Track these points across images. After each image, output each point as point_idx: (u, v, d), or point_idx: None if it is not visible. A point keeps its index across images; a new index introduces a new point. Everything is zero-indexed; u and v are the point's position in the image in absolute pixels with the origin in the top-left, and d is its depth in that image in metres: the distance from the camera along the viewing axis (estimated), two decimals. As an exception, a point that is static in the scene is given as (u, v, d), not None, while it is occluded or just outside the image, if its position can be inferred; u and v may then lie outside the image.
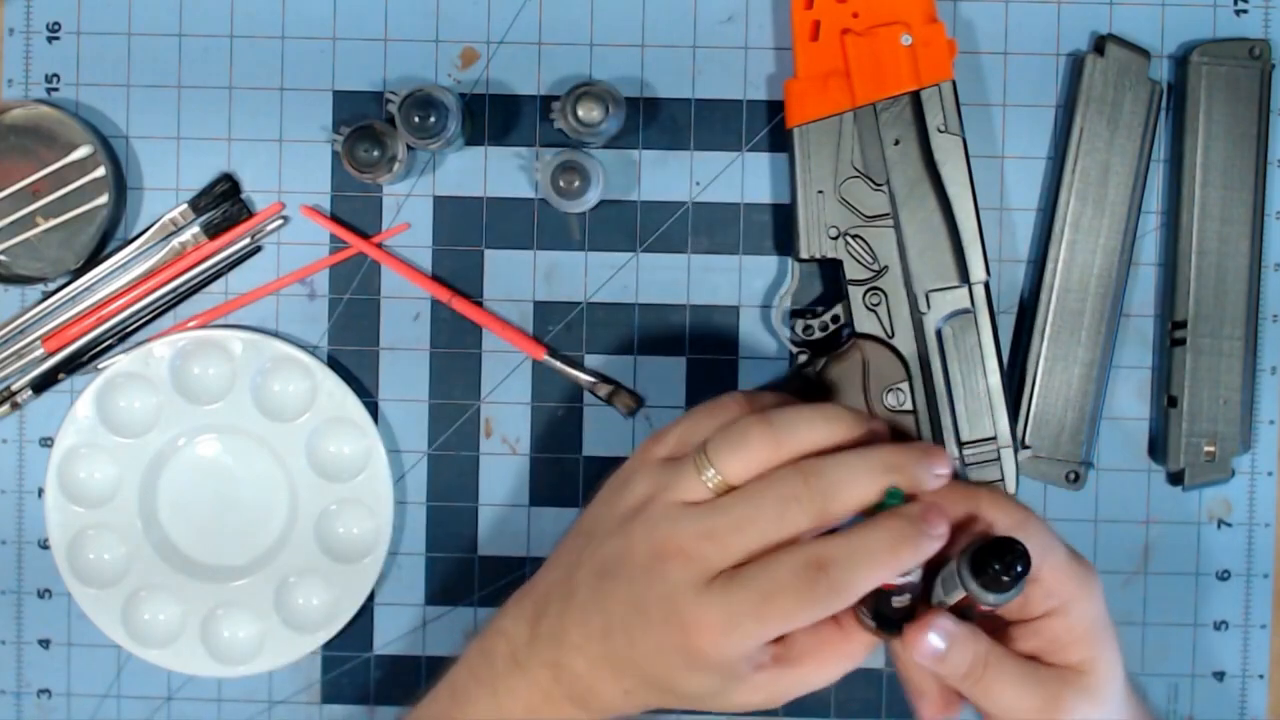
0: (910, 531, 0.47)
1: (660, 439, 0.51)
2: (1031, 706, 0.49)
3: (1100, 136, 0.60)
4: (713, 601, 0.46)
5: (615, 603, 0.48)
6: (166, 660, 0.62)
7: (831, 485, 0.47)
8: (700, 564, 0.46)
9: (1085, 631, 0.50)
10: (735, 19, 0.62)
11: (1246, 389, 0.61)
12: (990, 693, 0.49)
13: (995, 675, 0.49)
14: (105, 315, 0.62)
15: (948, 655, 0.48)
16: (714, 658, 0.46)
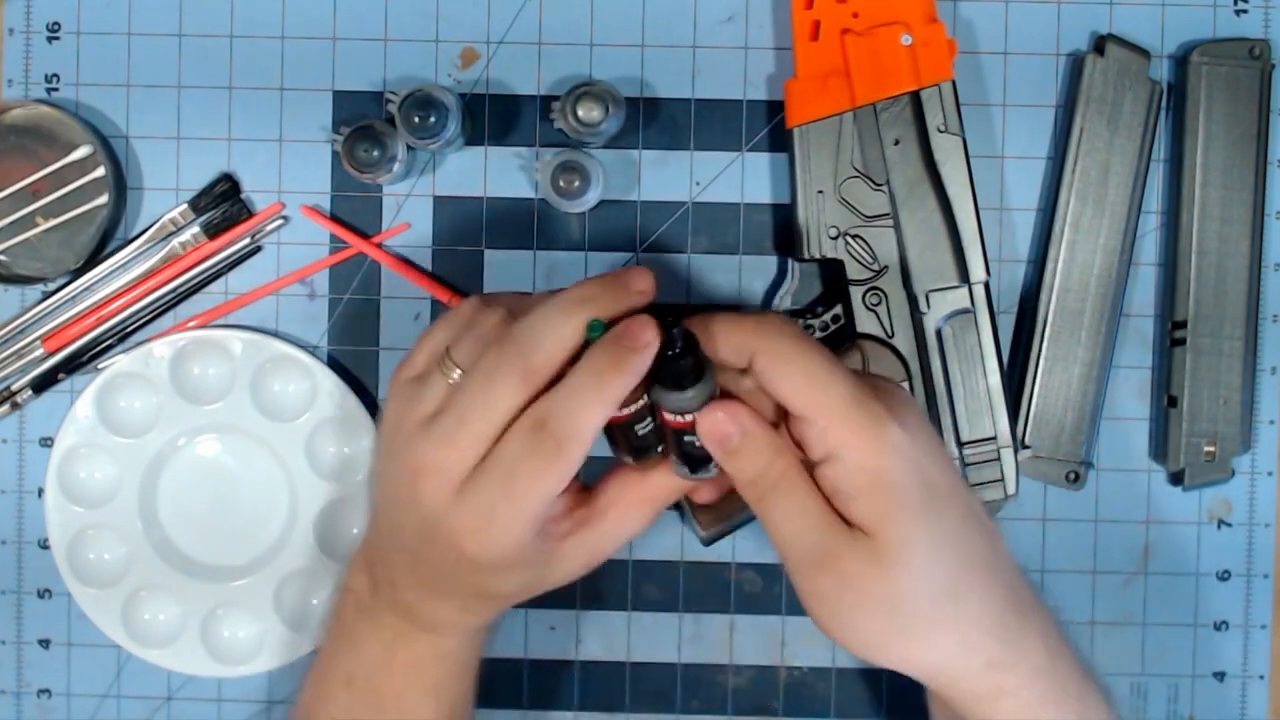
0: (610, 354, 0.43)
1: (407, 361, 0.49)
2: (808, 550, 0.45)
3: (1100, 136, 0.60)
4: (465, 505, 0.45)
5: (406, 536, 0.47)
6: (166, 660, 0.62)
7: (527, 340, 0.44)
8: (446, 473, 0.45)
9: (866, 486, 0.44)
10: (735, 19, 0.62)
11: (1246, 389, 0.61)
12: (770, 515, 0.45)
13: (781, 498, 0.45)
14: (105, 315, 0.62)
15: (739, 450, 0.45)
16: (494, 554, 0.45)
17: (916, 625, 0.45)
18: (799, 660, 0.64)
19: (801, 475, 0.45)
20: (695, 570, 0.63)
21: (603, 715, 0.64)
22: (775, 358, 0.44)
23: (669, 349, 0.43)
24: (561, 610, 0.64)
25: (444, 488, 0.45)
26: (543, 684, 0.64)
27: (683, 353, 0.43)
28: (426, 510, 0.46)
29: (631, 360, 0.43)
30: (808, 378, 0.44)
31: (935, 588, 0.44)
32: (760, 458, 0.45)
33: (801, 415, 0.44)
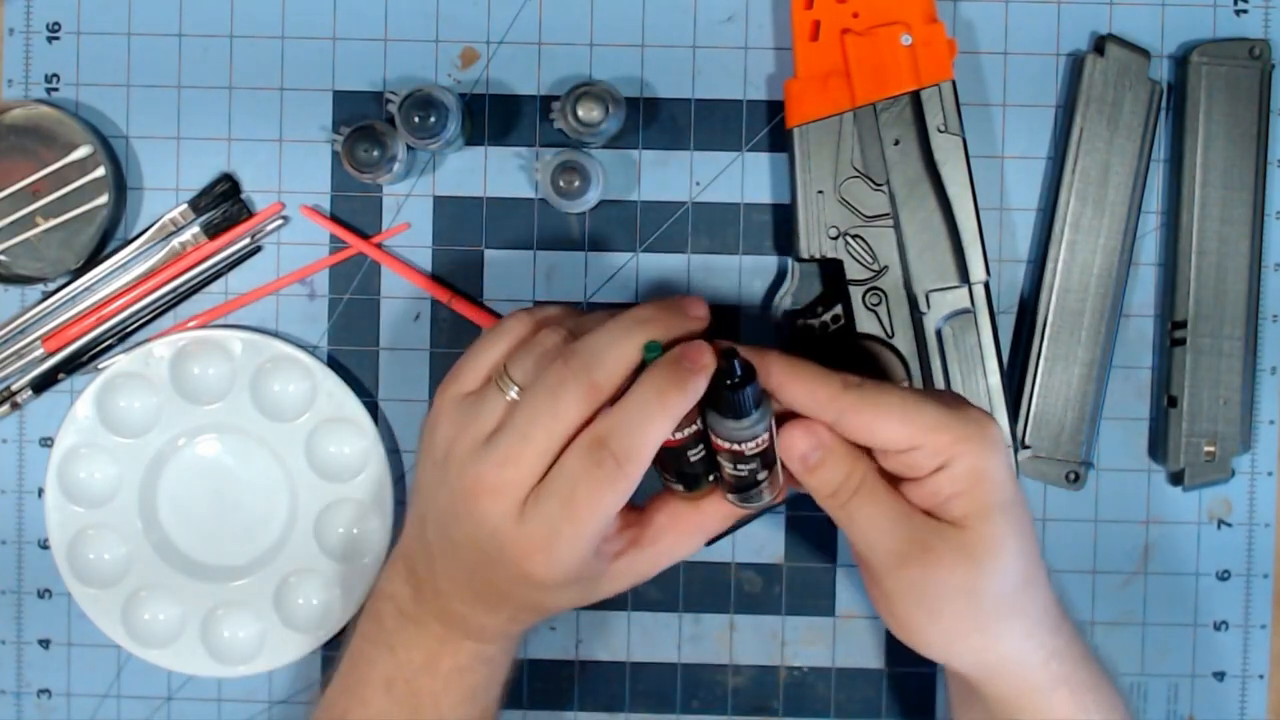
0: (670, 374, 0.44)
1: (455, 376, 0.50)
2: (894, 547, 0.47)
3: (1100, 136, 0.60)
4: (528, 525, 0.45)
5: (463, 550, 0.48)
6: (166, 660, 0.62)
7: (590, 357, 0.45)
8: (508, 491, 0.46)
9: (969, 486, 0.46)
10: (735, 19, 0.62)
11: (1246, 389, 0.61)
12: (855, 520, 0.47)
13: (864, 502, 0.47)
14: (105, 315, 0.62)
15: (820, 465, 0.47)
16: (557, 575, 0.46)
17: (994, 617, 0.48)
18: (799, 660, 0.64)
19: (879, 478, 0.47)
20: (695, 570, 0.63)
21: (603, 715, 0.64)
22: (868, 413, 0.46)
23: (728, 378, 0.44)
24: (561, 610, 0.64)
25: (507, 507, 0.46)
26: (543, 684, 0.64)
27: (742, 382, 0.44)
28: (488, 530, 0.46)
29: (691, 381, 0.44)
30: (904, 418, 0.46)
31: (1015, 579, 0.48)
32: (840, 469, 0.47)
33: (909, 447, 0.46)
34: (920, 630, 0.48)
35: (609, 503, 0.45)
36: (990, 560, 0.47)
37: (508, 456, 0.45)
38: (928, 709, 0.63)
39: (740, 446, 0.45)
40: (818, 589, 0.63)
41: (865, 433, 0.46)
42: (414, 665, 0.51)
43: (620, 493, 0.45)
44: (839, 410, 0.46)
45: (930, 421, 0.46)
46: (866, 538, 0.47)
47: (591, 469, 0.44)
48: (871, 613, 0.63)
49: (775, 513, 0.63)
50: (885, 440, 0.46)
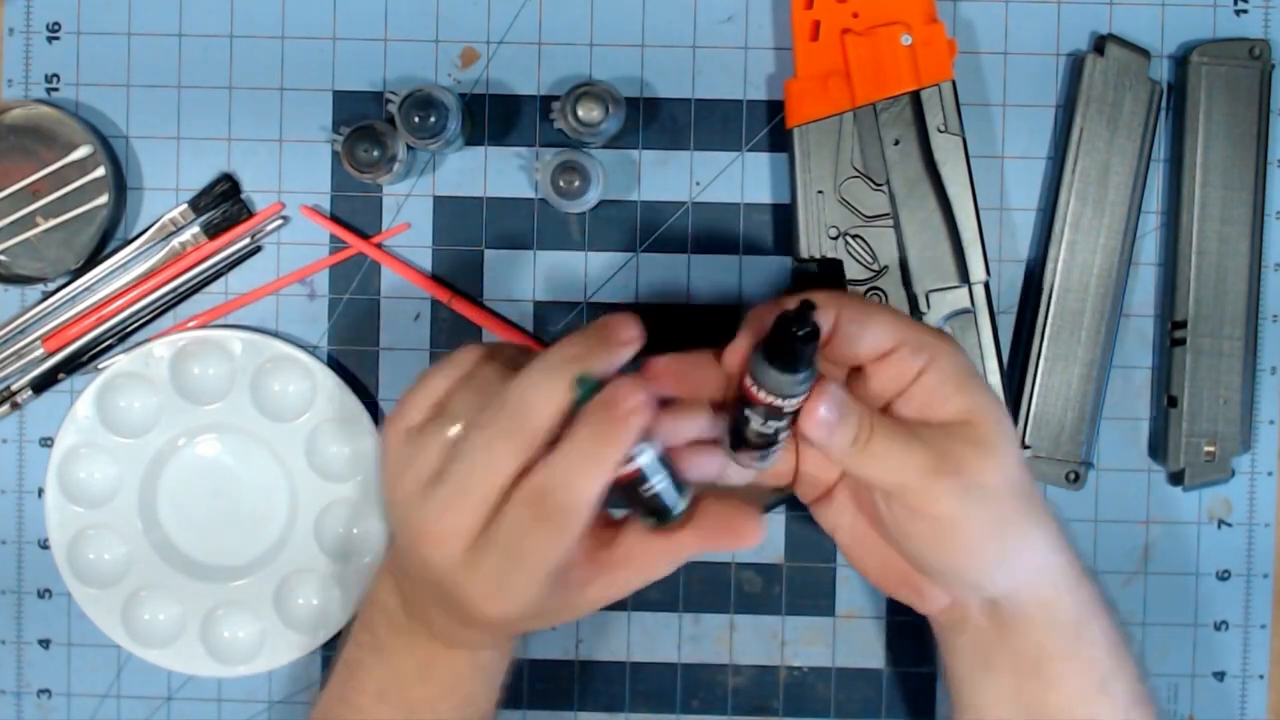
0: (599, 424, 0.43)
1: (401, 410, 0.48)
2: (921, 464, 0.46)
3: (1100, 136, 0.60)
4: (476, 572, 0.45)
5: (423, 584, 0.48)
6: (166, 660, 0.62)
7: (519, 402, 0.44)
8: (451, 540, 0.45)
9: (959, 378, 0.47)
10: (735, 19, 0.62)
11: (1246, 389, 0.61)
12: (877, 457, 0.46)
13: (880, 438, 0.46)
14: (105, 315, 0.62)
15: (839, 426, 0.46)
16: (513, 615, 0.46)
17: (1022, 516, 0.48)
18: (799, 660, 0.64)
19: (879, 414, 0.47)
20: (695, 570, 0.63)
21: (603, 715, 0.64)
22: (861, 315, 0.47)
23: (798, 328, 0.42)
24: (561, 610, 0.64)
25: (451, 553, 0.45)
26: (543, 684, 0.64)
27: (810, 335, 0.42)
28: (436, 574, 0.45)
29: (630, 422, 0.43)
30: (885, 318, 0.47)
31: (1024, 472, 0.49)
32: (854, 416, 0.46)
33: (895, 345, 0.47)
34: (961, 552, 0.48)
35: (554, 553, 0.44)
36: (1002, 446, 0.47)
37: (447, 505, 0.44)
38: (928, 709, 0.63)
39: (783, 402, 0.44)
40: (818, 589, 0.63)
41: (858, 336, 0.46)
42: (407, 673, 0.51)
43: (564, 542, 0.43)
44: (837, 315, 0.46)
45: (906, 321, 0.48)
46: (892, 468, 0.46)
47: (533, 523, 0.43)
48: (872, 613, 0.63)
49: (775, 513, 0.63)
50: (875, 341, 0.47)
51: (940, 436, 0.47)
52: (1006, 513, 0.48)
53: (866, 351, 0.47)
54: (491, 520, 0.44)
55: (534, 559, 0.44)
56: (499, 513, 0.44)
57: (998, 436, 0.47)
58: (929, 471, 0.46)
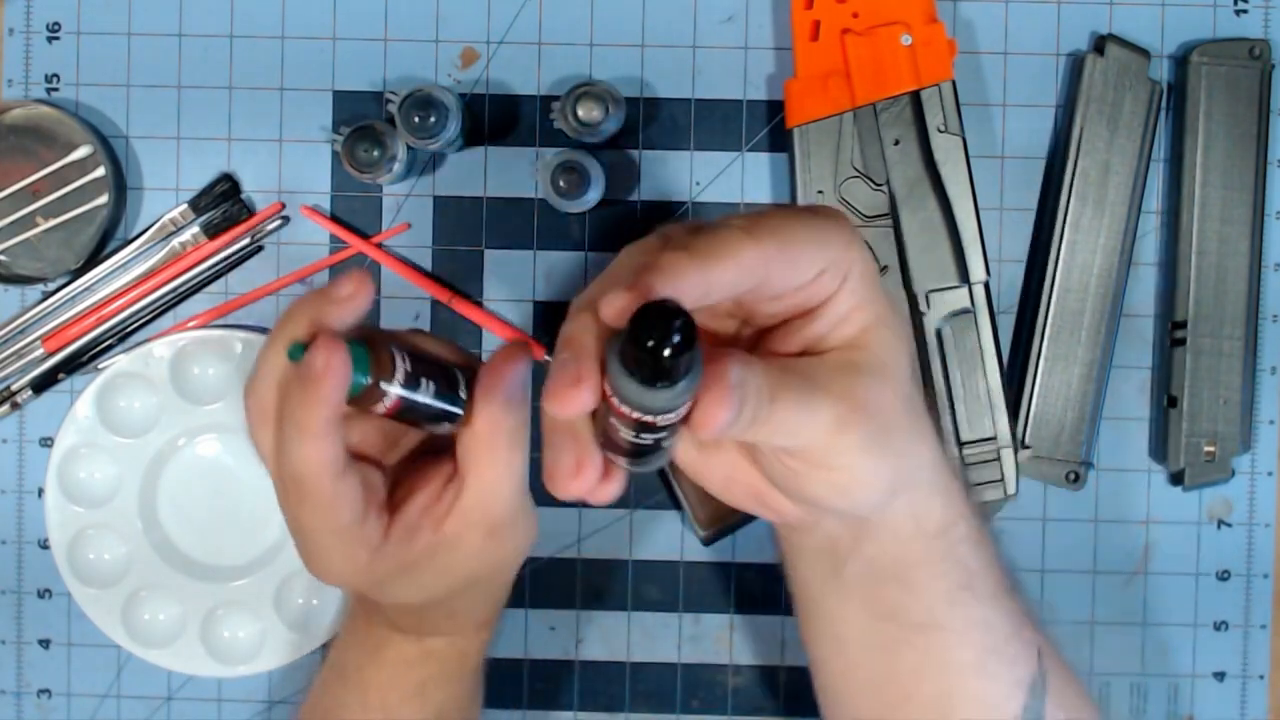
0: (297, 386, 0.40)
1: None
2: (829, 421, 0.39)
3: (1100, 136, 0.60)
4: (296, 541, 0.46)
5: None
6: (166, 660, 0.62)
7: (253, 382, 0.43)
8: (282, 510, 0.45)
9: (866, 290, 0.40)
10: (735, 19, 0.62)
11: (1246, 389, 0.61)
12: (779, 426, 0.38)
13: (782, 404, 0.38)
14: (105, 315, 0.62)
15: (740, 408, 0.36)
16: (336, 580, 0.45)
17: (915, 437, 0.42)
18: (799, 660, 0.64)
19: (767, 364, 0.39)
20: (695, 570, 0.63)
21: (603, 715, 0.64)
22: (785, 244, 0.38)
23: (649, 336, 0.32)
24: (561, 610, 0.64)
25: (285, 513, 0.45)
26: (543, 684, 0.64)
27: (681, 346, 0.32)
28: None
29: (315, 390, 0.39)
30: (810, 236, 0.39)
31: (914, 377, 0.42)
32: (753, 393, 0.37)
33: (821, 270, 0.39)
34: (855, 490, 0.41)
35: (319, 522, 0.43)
36: (901, 360, 0.41)
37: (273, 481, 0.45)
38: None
39: (655, 418, 0.35)
40: (818, 589, 0.63)
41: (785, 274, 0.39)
42: (363, 654, 0.51)
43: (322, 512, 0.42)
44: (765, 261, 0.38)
45: (821, 232, 0.39)
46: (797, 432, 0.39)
47: (283, 497, 0.43)
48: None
49: (775, 513, 0.63)
50: (801, 273, 0.39)
51: (839, 372, 0.39)
52: (903, 438, 0.41)
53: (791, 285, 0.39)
54: None
55: (305, 530, 0.43)
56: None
57: (895, 349, 0.41)
58: (836, 428, 0.39)
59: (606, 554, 0.63)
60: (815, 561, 0.46)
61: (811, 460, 0.40)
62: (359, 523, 0.43)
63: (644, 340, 0.32)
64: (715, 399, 0.35)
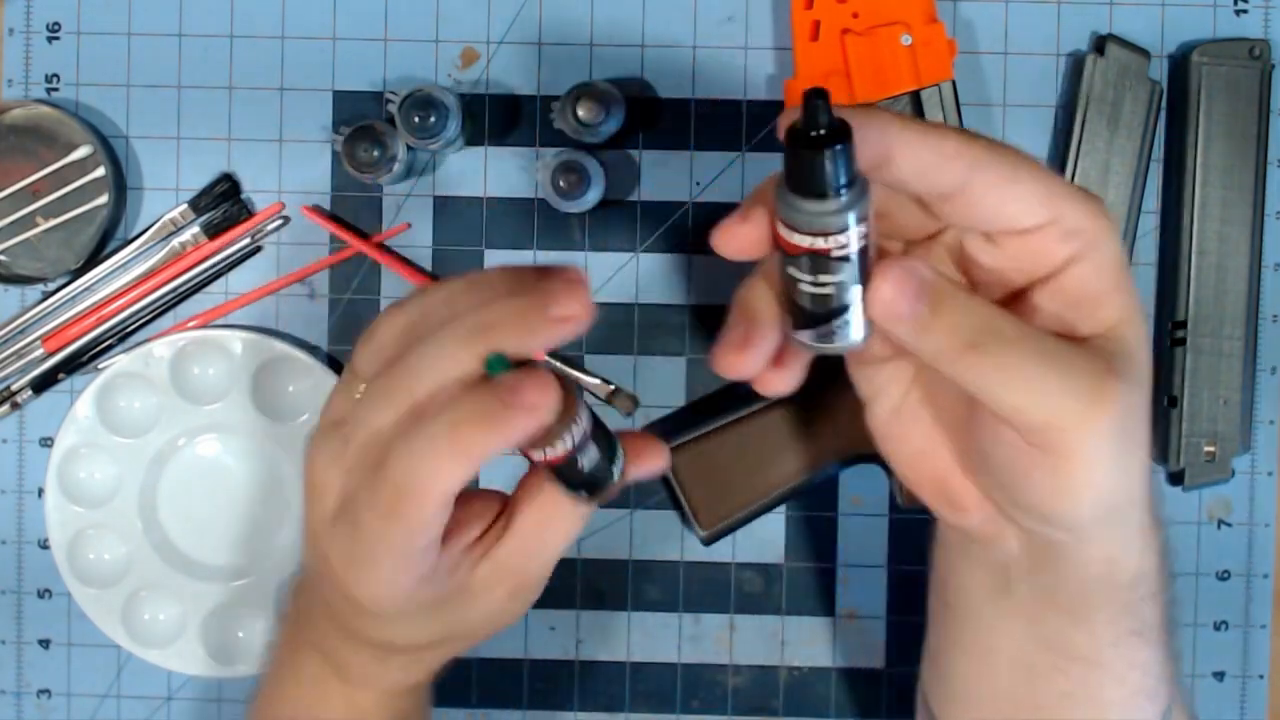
0: (481, 407, 0.35)
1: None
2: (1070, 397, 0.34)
3: (1100, 136, 0.60)
4: (335, 538, 0.38)
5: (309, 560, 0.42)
6: (166, 660, 0.62)
7: (415, 368, 0.36)
8: (327, 494, 0.39)
9: (1116, 276, 0.36)
10: (735, 19, 0.62)
11: (1246, 389, 0.61)
12: (1007, 380, 0.34)
13: (1013, 351, 0.34)
14: (105, 315, 0.62)
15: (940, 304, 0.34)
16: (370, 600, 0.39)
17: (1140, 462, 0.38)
18: (799, 660, 0.64)
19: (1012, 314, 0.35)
20: (695, 570, 0.63)
21: (603, 715, 0.64)
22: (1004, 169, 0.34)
23: (808, 129, 0.31)
24: (561, 610, 0.64)
25: (323, 512, 0.39)
26: (543, 684, 0.64)
27: (827, 138, 0.31)
28: (311, 532, 0.40)
29: (506, 421, 0.34)
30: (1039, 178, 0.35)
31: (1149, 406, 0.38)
32: (968, 308, 0.34)
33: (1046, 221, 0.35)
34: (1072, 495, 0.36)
35: (395, 541, 0.37)
36: (1147, 365, 0.37)
37: (333, 457, 0.39)
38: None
39: (824, 242, 0.33)
40: (818, 589, 0.63)
41: (996, 199, 0.34)
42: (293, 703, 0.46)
43: (404, 534, 0.37)
44: (970, 164, 0.34)
45: (1063, 188, 0.35)
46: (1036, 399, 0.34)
47: (370, 499, 0.37)
48: (872, 613, 0.63)
49: (775, 512, 0.63)
50: (1019, 211, 0.35)
51: (1091, 352, 0.35)
52: (1140, 454, 0.37)
53: (1003, 221, 0.35)
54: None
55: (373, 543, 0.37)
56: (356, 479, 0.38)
57: (1145, 352, 0.37)
58: (1091, 401, 0.34)
59: (606, 554, 0.63)
60: (982, 573, 0.43)
61: (1048, 443, 0.35)
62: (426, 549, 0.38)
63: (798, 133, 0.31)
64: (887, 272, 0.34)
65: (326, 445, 0.39)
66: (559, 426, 0.36)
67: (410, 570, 0.38)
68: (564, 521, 0.41)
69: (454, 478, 0.35)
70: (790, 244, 0.33)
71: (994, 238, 0.36)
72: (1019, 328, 0.34)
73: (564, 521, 0.41)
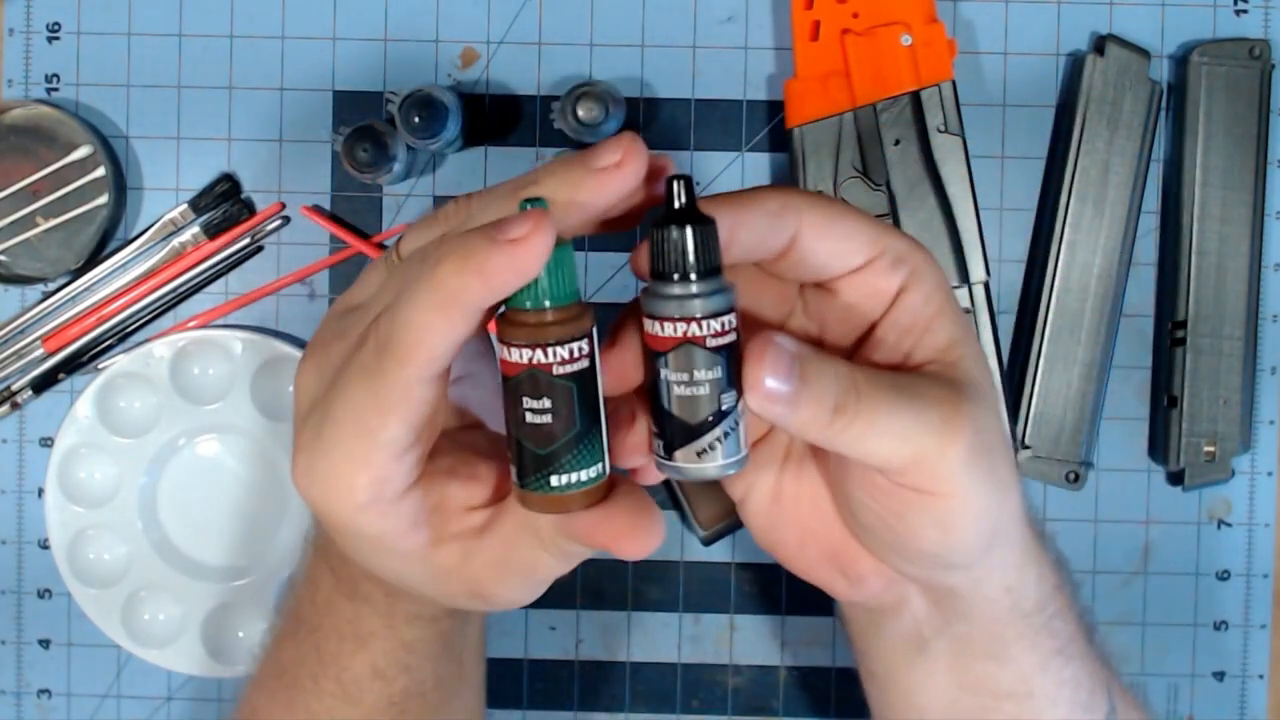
0: (465, 240, 0.31)
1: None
2: (927, 431, 0.34)
3: (1100, 136, 0.60)
4: (310, 415, 0.34)
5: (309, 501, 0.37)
6: (166, 660, 0.62)
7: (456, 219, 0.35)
8: (308, 383, 0.35)
9: (943, 298, 0.37)
10: (735, 19, 0.62)
11: (1246, 389, 0.61)
12: (871, 433, 0.34)
13: (873, 404, 0.34)
14: (105, 315, 0.62)
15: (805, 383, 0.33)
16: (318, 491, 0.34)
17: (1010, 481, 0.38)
18: (799, 660, 0.64)
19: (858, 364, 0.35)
20: (695, 570, 0.64)
21: (603, 715, 0.64)
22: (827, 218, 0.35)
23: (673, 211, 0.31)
24: (561, 610, 0.64)
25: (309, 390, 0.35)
26: (543, 684, 0.64)
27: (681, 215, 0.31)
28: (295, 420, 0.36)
29: (487, 258, 0.30)
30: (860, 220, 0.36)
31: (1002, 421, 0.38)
32: (828, 372, 0.34)
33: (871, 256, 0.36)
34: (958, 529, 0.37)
35: (365, 410, 0.32)
36: (988, 386, 0.37)
37: (342, 331, 0.35)
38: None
39: (696, 330, 0.32)
40: (817, 589, 0.63)
41: (827, 243, 0.35)
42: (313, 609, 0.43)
43: (379, 392, 0.32)
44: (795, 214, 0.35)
45: (883, 225, 0.36)
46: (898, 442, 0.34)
47: (353, 350, 0.33)
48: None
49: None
50: (847, 250, 0.35)
51: (932, 380, 0.36)
52: (1004, 470, 0.37)
53: (837, 261, 0.36)
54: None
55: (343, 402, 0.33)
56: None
57: (985, 371, 0.37)
58: (943, 431, 0.34)
59: (606, 554, 0.63)
60: (896, 640, 0.43)
61: (913, 479, 0.35)
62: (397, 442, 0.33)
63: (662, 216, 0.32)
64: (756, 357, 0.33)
65: (325, 329, 0.36)
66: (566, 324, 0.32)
67: (370, 467, 0.33)
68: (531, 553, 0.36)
69: (435, 330, 0.31)
70: (659, 338, 0.32)
71: (831, 285, 0.37)
72: (871, 378, 0.35)
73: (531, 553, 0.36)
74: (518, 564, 0.36)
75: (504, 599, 0.37)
